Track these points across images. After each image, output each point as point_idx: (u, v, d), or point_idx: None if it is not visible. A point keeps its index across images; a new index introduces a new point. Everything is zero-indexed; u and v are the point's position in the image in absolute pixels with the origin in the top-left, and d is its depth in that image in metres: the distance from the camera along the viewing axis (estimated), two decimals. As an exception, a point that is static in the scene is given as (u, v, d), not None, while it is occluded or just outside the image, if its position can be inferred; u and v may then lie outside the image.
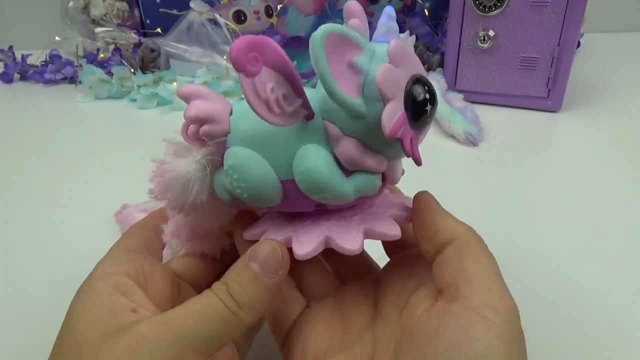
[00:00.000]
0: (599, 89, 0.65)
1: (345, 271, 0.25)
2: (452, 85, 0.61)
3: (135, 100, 0.67)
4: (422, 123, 0.18)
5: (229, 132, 0.20)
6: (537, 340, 0.27)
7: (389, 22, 0.19)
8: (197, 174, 0.20)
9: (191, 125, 0.21)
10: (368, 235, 0.20)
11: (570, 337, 0.27)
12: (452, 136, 0.52)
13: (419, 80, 0.17)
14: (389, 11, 0.20)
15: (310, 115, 0.18)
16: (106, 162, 0.51)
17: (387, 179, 0.20)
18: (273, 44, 0.17)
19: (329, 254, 0.24)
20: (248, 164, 0.19)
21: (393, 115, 0.17)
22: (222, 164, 0.20)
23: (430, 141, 0.53)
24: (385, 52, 0.17)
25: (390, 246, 0.25)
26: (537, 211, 0.39)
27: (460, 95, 0.58)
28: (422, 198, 0.21)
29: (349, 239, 0.19)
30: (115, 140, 0.57)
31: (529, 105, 0.60)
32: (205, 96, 0.20)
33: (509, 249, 0.35)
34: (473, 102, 0.59)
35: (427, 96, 0.17)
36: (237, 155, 0.19)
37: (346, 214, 0.21)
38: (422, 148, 0.19)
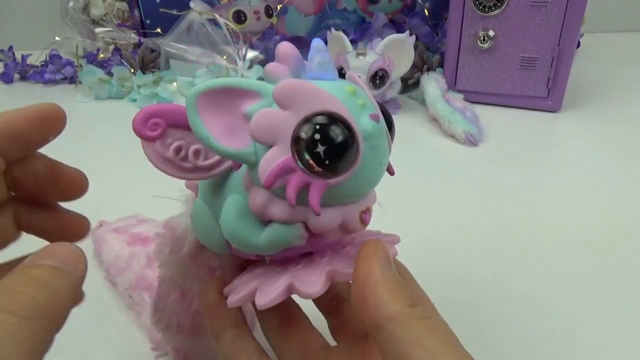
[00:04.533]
0: (599, 89, 0.65)
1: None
2: (452, 85, 0.61)
3: (135, 100, 0.67)
4: (327, 166, 0.16)
5: (197, 186, 0.21)
6: (536, 343, 0.27)
7: (319, 55, 0.18)
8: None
9: None
10: (333, 277, 0.18)
11: (572, 342, 0.27)
12: (452, 136, 0.52)
13: (330, 117, 0.16)
14: (316, 45, 0.18)
15: (237, 165, 0.19)
16: (106, 163, 0.51)
17: (313, 229, 0.18)
18: (177, 107, 0.18)
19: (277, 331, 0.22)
20: (196, 215, 0.20)
21: (270, 163, 0.16)
22: None
23: (431, 141, 0.53)
24: None
25: None
26: (537, 211, 0.39)
27: (460, 95, 0.58)
28: (362, 256, 0.17)
29: (310, 282, 0.18)
30: (115, 141, 0.57)
31: (529, 105, 0.60)
32: None
33: (508, 248, 0.35)
34: (473, 102, 0.59)
35: (318, 136, 0.16)
36: (193, 207, 0.21)
37: (315, 258, 0.19)
38: (423, 148, 0.17)
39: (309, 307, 0.23)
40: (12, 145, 0.18)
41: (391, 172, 0.19)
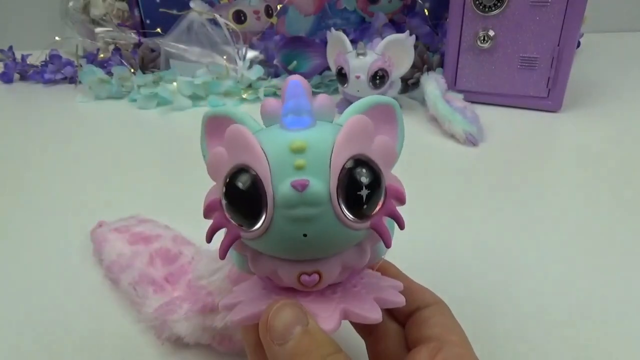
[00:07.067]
0: (599, 89, 0.65)
1: None
2: (452, 85, 0.61)
3: (135, 100, 0.67)
4: (237, 216, 0.16)
5: None
6: (533, 341, 0.27)
7: (292, 102, 0.17)
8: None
9: None
10: (347, 316, 0.18)
11: (571, 341, 0.27)
12: (452, 136, 0.52)
13: (240, 175, 0.16)
14: (293, 87, 0.17)
15: None
16: (106, 163, 0.50)
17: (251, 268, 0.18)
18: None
19: None
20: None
21: (209, 195, 0.17)
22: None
23: (431, 141, 0.53)
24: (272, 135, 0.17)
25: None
26: (536, 211, 0.39)
27: (460, 95, 0.58)
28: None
29: (325, 317, 0.18)
30: (115, 141, 0.57)
31: (529, 105, 0.60)
32: None
33: (508, 248, 0.35)
34: (473, 102, 0.59)
35: (224, 190, 0.16)
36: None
37: (326, 292, 0.19)
38: (423, 148, 0.17)
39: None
40: None
41: (401, 226, 0.18)
